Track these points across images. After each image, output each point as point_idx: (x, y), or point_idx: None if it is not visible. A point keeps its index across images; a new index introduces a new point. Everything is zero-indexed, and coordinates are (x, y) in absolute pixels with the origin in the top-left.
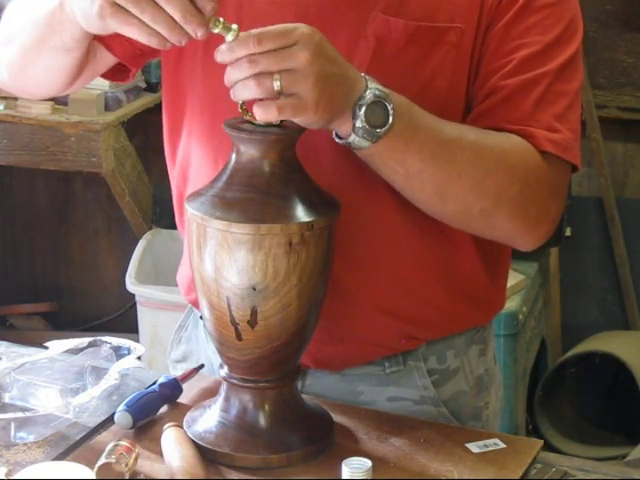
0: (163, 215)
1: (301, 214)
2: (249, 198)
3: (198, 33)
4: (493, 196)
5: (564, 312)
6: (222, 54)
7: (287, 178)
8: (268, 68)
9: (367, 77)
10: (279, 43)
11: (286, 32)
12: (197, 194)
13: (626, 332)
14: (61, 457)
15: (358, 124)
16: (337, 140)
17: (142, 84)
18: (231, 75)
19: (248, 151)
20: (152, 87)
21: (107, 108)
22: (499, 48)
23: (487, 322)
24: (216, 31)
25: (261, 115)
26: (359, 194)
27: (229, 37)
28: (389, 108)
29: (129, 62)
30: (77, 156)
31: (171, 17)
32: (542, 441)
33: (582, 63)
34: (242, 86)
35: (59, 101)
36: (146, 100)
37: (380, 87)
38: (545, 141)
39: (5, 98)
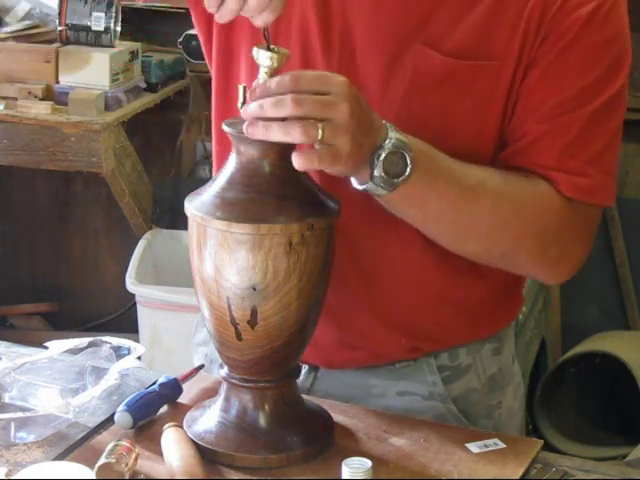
0: (163, 215)
1: (301, 214)
2: (249, 198)
3: (269, 19)
4: (511, 243)
5: (564, 312)
6: (254, 92)
7: (287, 178)
8: (312, 113)
9: (389, 125)
10: (315, 86)
11: (322, 77)
12: (197, 194)
13: (626, 332)
14: (61, 457)
15: (376, 173)
16: (355, 186)
17: (142, 84)
18: (267, 110)
19: (248, 151)
20: (152, 87)
21: (107, 108)
22: (535, 90)
23: (501, 330)
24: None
25: (302, 164)
26: (373, 219)
27: (268, 62)
28: (408, 158)
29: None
30: (77, 156)
31: None
32: (542, 441)
33: (626, 96)
34: (280, 128)
35: (59, 101)
36: (146, 100)
37: (400, 136)
38: (570, 187)
39: (5, 98)
